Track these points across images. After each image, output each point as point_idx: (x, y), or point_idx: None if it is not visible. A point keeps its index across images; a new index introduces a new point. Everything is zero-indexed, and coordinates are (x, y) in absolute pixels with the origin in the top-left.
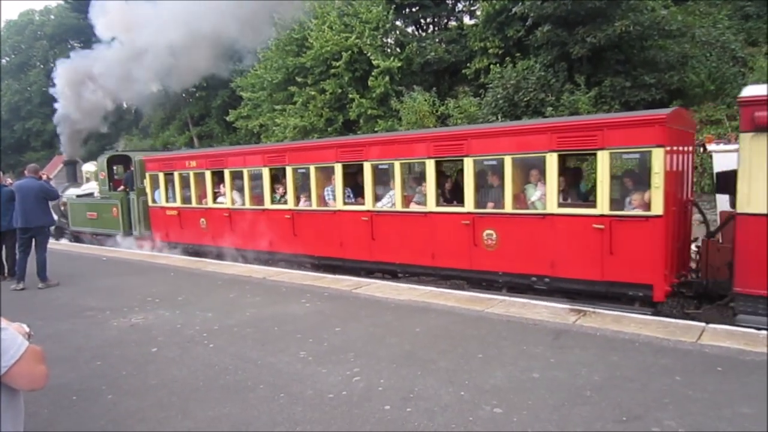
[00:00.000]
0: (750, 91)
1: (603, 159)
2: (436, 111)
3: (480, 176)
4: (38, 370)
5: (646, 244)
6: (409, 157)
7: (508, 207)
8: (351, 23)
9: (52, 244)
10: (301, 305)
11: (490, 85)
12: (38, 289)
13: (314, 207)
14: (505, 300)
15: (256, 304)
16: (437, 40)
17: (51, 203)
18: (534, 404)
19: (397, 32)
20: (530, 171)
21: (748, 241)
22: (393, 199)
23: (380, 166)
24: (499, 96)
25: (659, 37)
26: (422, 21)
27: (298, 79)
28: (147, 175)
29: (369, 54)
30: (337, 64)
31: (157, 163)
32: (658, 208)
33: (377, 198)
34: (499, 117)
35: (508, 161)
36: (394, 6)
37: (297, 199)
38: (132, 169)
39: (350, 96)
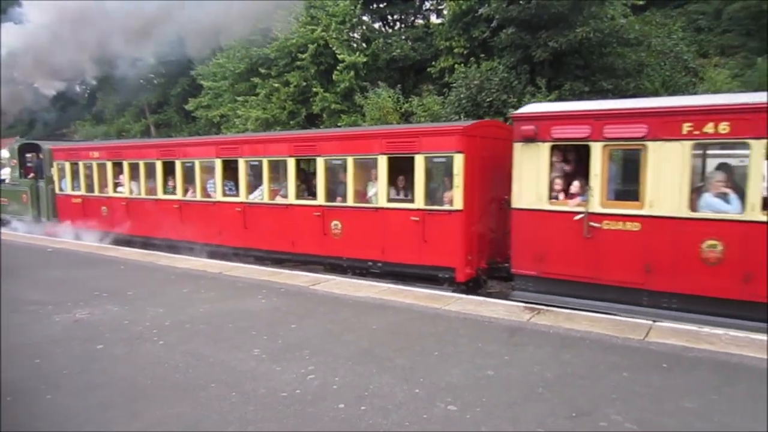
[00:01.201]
0: (522, 109)
1: (419, 162)
2: (400, 108)
3: (330, 173)
4: None
5: (449, 234)
6: (275, 155)
7: (350, 201)
8: (317, 15)
9: None
10: (257, 301)
11: (454, 85)
12: None
13: (198, 198)
14: (462, 298)
15: (210, 300)
16: (403, 37)
17: None
18: (488, 401)
19: (364, 27)
20: (371, 170)
21: (519, 231)
22: (263, 193)
23: (252, 163)
24: (462, 96)
25: (618, 44)
26: (389, 17)
27: (262, 70)
28: (54, 164)
29: (335, 48)
30: (303, 56)
31: (64, 153)
32: (458, 204)
33: (251, 191)
34: (462, 116)
35: (350, 161)
36: (361, 0)
37: (185, 191)
38: (41, 157)
39: (314, 89)
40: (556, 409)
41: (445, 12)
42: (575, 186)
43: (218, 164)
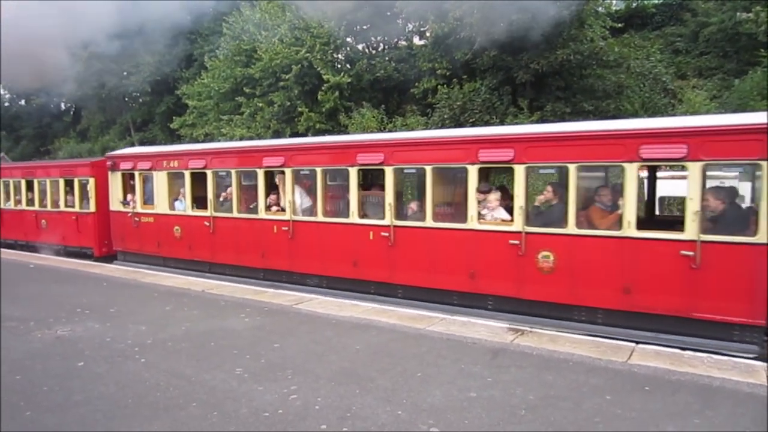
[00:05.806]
0: (112, 152)
1: (76, 183)
2: (384, 128)
3: (41, 190)
4: None
5: (89, 227)
6: (15, 177)
7: (50, 207)
8: (302, 37)
9: None
10: (240, 320)
11: (438, 105)
12: None
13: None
14: (445, 318)
15: (192, 318)
16: (387, 58)
17: None
18: (470, 423)
19: (348, 49)
20: (59, 188)
21: (113, 224)
22: (11, 201)
23: (5, 182)
24: (445, 116)
25: (597, 66)
26: (372, 39)
27: (246, 90)
28: None
29: (319, 69)
30: (287, 76)
31: None
32: (93, 208)
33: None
34: None
35: (48, 182)
36: (345, 23)
37: None
38: None
39: (299, 109)
40: None
41: (427, 34)
42: (134, 197)
43: None
